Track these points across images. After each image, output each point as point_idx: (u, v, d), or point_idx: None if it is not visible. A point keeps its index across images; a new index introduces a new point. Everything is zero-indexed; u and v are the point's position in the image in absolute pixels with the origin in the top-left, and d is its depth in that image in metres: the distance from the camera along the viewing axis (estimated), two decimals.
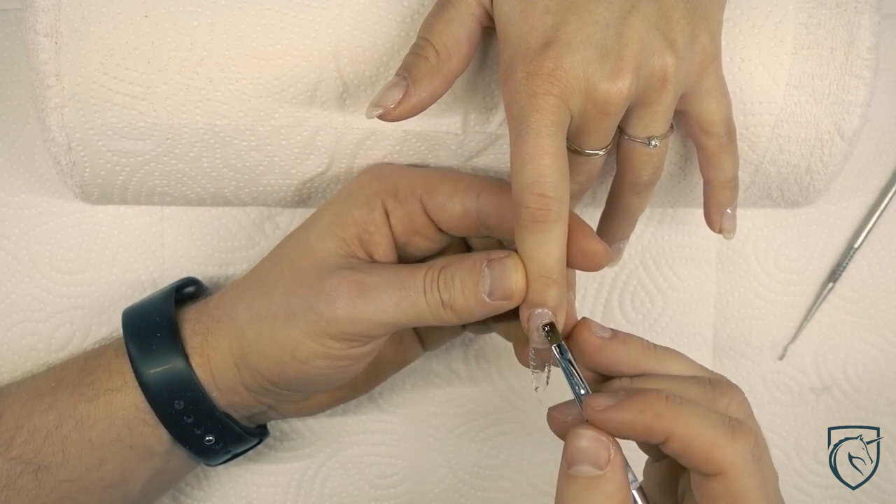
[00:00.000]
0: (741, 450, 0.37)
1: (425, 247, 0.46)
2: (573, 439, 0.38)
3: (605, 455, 0.37)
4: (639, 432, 0.37)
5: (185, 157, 0.47)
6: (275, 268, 0.46)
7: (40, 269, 0.53)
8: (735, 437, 0.37)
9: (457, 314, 0.42)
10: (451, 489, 0.57)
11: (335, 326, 0.42)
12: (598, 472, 0.37)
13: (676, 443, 0.37)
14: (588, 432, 0.38)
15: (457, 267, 0.42)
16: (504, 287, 0.41)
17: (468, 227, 0.45)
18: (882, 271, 0.57)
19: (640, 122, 0.42)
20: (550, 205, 0.39)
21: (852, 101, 0.47)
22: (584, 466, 0.37)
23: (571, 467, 0.37)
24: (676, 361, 0.41)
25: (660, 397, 0.37)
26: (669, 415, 0.37)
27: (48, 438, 0.45)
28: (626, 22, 0.39)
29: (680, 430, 0.37)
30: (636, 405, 0.37)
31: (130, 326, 0.47)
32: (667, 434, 0.37)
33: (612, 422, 0.38)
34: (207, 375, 0.46)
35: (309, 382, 0.45)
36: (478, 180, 0.45)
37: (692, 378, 0.40)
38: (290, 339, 0.43)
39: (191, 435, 0.46)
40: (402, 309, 0.42)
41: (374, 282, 0.42)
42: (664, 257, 0.56)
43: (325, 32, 0.44)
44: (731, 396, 0.40)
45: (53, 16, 0.44)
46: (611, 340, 0.41)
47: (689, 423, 0.37)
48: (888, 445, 0.57)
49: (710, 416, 0.37)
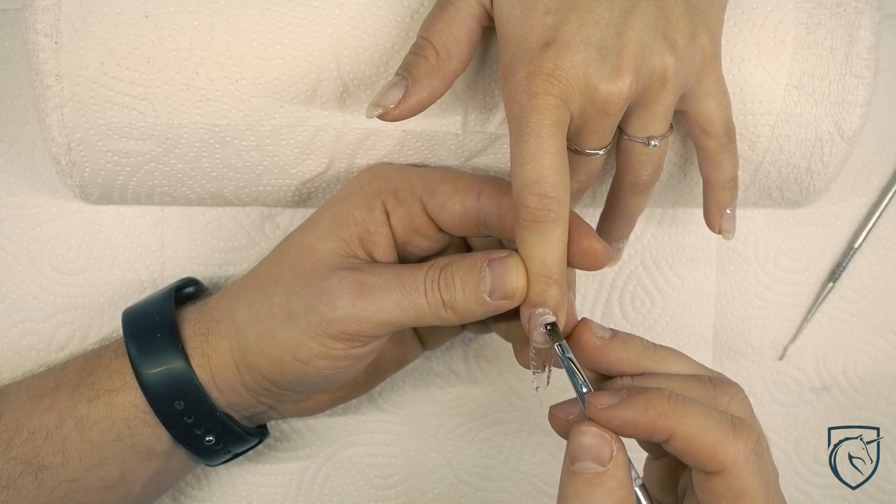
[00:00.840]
0: (743, 448, 0.37)
1: (426, 246, 0.46)
2: (576, 436, 0.38)
3: (608, 452, 0.37)
4: (642, 430, 0.37)
5: (185, 157, 0.47)
6: (275, 268, 0.46)
7: (40, 269, 0.53)
8: (737, 436, 0.37)
9: (458, 314, 0.42)
10: (451, 489, 0.57)
11: (335, 326, 0.42)
12: (601, 468, 0.37)
13: (679, 441, 0.37)
14: (591, 429, 0.38)
15: (457, 266, 0.42)
16: (505, 287, 0.41)
17: (468, 226, 0.45)
18: (882, 271, 0.57)
19: (640, 121, 0.42)
20: (551, 205, 0.39)
21: (852, 101, 0.47)
22: (587, 463, 0.37)
23: (574, 464, 0.37)
24: (676, 360, 0.41)
25: (663, 395, 0.37)
26: (672, 413, 0.37)
27: (48, 439, 0.45)
28: (626, 22, 0.39)
29: (683, 428, 0.37)
30: (639, 403, 0.37)
31: (130, 327, 0.47)
32: (670, 432, 0.37)
33: (615, 420, 0.38)
34: (208, 376, 0.46)
35: (310, 382, 0.45)
36: (478, 180, 0.45)
37: (693, 377, 0.41)
38: (290, 340, 0.43)
39: (191, 435, 0.46)
40: (403, 309, 0.42)
41: (374, 282, 0.42)
42: (664, 257, 0.56)
43: (325, 32, 0.44)
44: (731, 395, 0.40)
45: (53, 16, 0.44)
46: (611, 340, 0.41)
47: (691, 422, 0.37)
48: (888, 445, 0.57)
49: (712, 414, 0.37)
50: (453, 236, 0.47)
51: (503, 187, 0.44)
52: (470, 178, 0.45)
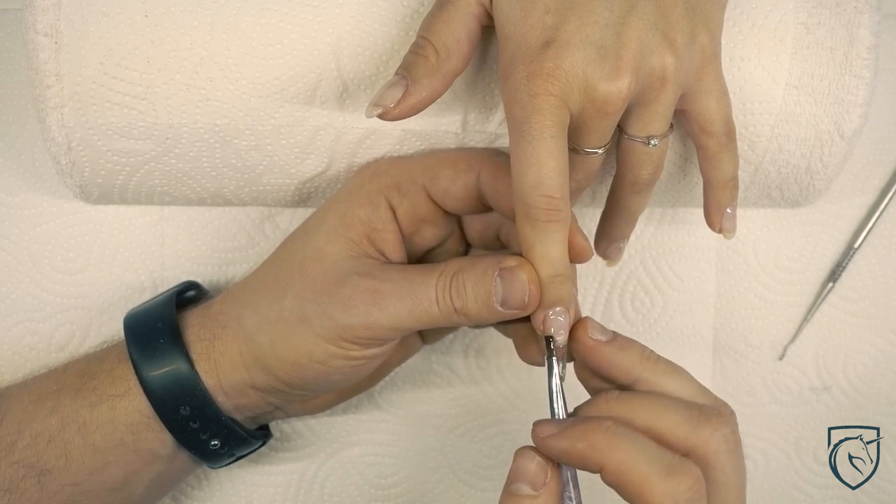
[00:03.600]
0: (673, 491, 0.36)
1: (431, 234, 0.47)
2: (518, 458, 0.39)
3: (542, 478, 0.38)
4: (575, 460, 0.38)
5: (185, 157, 0.47)
6: (281, 272, 0.46)
7: (40, 269, 0.53)
8: (669, 478, 0.36)
9: (470, 320, 0.43)
10: (451, 489, 0.57)
11: (350, 332, 0.43)
12: (533, 493, 0.38)
13: (609, 475, 0.37)
14: (531, 453, 0.39)
15: (469, 274, 0.42)
16: (517, 298, 0.41)
17: (471, 205, 0.46)
18: (882, 271, 0.57)
19: (640, 121, 0.42)
20: (559, 205, 0.39)
21: (852, 101, 0.47)
22: (522, 485, 0.38)
23: (511, 484, 0.39)
24: (674, 378, 0.41)
25: (600, 428, 0.37)
26: (605, 447, 0.37)
27: (51, 443, 0.45)
28: (626, 21, 0.39)
29: (613, 463, 0.37)
30: (575, 434, 0.38)
31: (132, 332, 0.47)
32: (600, 465, 0.37)
33: (553, 449, 0.38)
34: (214, 380, 0.46)
35: (328, 381, 0.45)
36: (476, 159, 0.45)
37: (681, 401, 0.40)
38: (305, 343, 0.43)
39: (196, 439, 0.46)
40: (416, 316, 0.42)
41: (387, 289, 0.42)
42: (664, 257, 0.56)
43: (325, 32, 0.44)
44: (715, 427, 0.38)
45: (53, 15, 0.44)
46: (607, 343, 0.41)
47: (623, 458, 0.37)
48: (888, 445, 0.57)
49: (648, 453, 0.37)
50: (455, 224, 0.48)
51: (501, 167, 0.44)
52: (467, 158, 0.45)
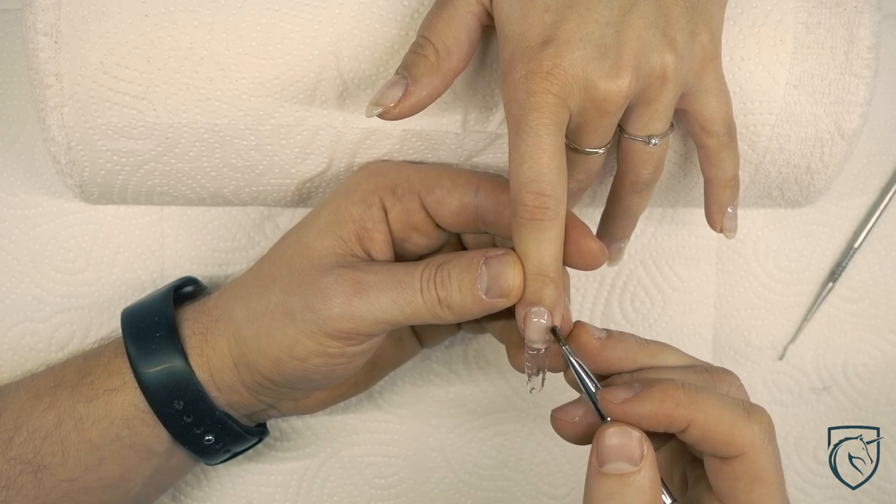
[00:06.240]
0: (758, 430, 0.37)
1: (422, 244, 0.46)
2: (603, 439, 0.37)
3: (639, 451, 0.37)
4: (661, 422, 0.38)
5: (185, 157, 0.47)
6: (272, 267, 0.46)
7: (40, 269, 0.53)
8: (751, 419, 0.37)
9: (454, 312, 0.42)
10: (451, 489, 0.57)
11: (331, 325, 0.42)
12: (633, 468, 0.37)
13: (697, 429, 0.37)
14: (619, 429, 0.37)
15: (454, 264, 0.42)
16: (501, 284, 0.41)
17: (465, 222, 0.45)
18: (882, 271, 0.57)
19: (640, 120, 0.42)
20: (548, 203, 0.39)
21: (852, 101, 0.47)
22: (619, 463, 0.37)
23: (605, 465, 0.37)
24: (669, 354, 0.42)
25: (677, 386, 0.38)
26: (689, 402, 0.37)
27: (47, 438, 0.45)
28: (626, 20, 0.39)
29: (700, 416, 0.37)
30: (655, 395, 0.38)
31: (129, 326, 0.47)
32: (688, 421, 0.37)
33: (633, 414, 0.38)
34: (207, 375, 0.46)
35: (308, 380, 0.45)
36: (476, 176, 0.45)
37: (690, 367, 0.41)
38: (287, 338, 0.43)
39: (190, 434, 0.46)
40: (399, 307, 0.42)
41: (370, 280, 0.42)
42: (664, 257, 0.56)
43: (325, 32, 0.44)
44: (729, 382, 0.40)
45: (53, 15, 0.44)
46: (608, 340, 0.42)
47: (708, 409, 0.37)
48: (888, 445, 0.57)
49: (725, 400, 0.38)
50: (450, 235, 0.47)
51: (501, 184, 0.44)
52: (468, 174, 0.45)
